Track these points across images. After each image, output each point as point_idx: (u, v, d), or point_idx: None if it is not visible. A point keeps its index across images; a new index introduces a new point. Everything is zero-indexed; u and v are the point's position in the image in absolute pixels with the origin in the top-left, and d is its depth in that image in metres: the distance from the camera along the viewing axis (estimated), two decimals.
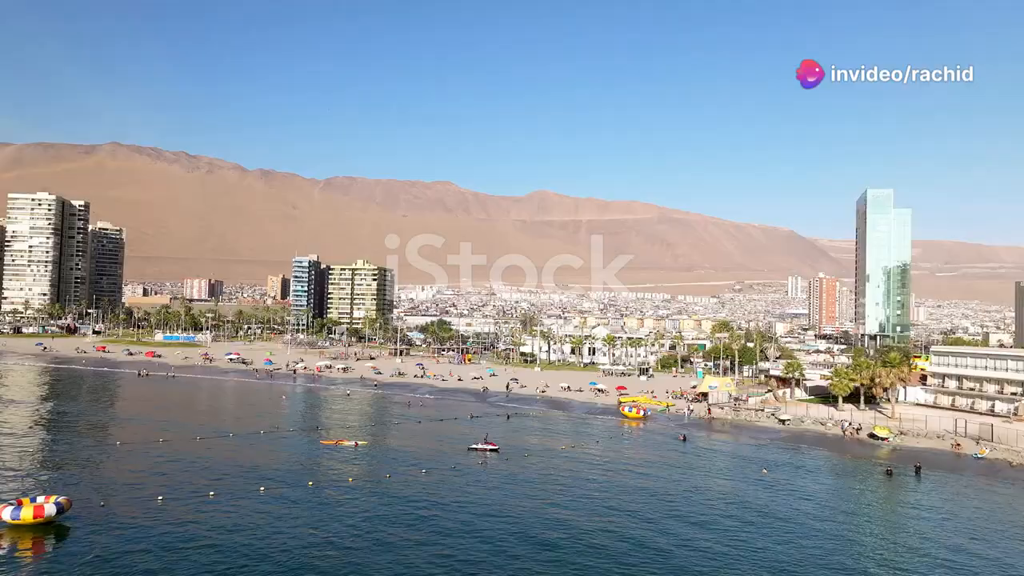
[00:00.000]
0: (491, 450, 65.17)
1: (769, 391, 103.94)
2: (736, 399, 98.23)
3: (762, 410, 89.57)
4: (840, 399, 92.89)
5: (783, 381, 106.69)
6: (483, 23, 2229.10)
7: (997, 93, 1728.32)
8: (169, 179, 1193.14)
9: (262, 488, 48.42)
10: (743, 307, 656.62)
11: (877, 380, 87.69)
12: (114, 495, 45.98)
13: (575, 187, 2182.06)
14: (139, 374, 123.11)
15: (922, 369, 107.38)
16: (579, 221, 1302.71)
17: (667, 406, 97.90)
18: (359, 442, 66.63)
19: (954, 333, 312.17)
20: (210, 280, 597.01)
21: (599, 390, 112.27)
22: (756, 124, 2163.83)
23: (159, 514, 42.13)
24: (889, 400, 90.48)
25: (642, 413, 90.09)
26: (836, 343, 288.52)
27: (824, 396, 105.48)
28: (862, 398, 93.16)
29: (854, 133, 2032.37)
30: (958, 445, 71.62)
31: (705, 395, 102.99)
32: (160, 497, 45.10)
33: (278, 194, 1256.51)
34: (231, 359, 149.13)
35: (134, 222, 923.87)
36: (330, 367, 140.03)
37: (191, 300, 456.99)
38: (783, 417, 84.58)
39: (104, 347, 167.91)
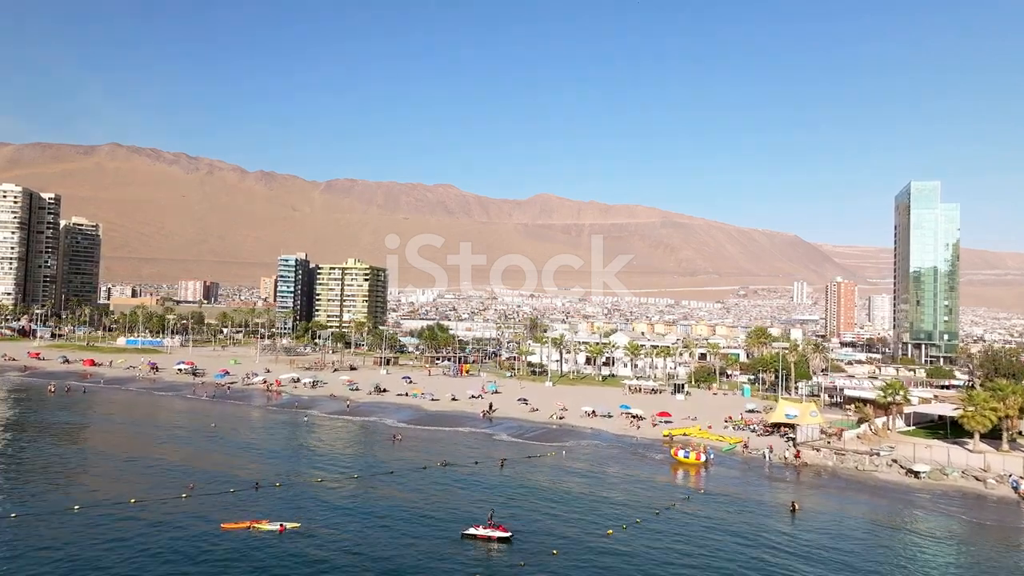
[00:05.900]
0: (500, 538, 40.06)
1: (863, 421, 77.98)
2: (827, 435, 72.45)
3: (878, 454, 63.43)
4: (977, 436, 67.23)
5: (879, 407, 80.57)
6: (486, 26, 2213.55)
7: (1000, 96, 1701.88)
8: (169, 180, 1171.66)
9: None
10: (748, 312, 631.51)
11: None
12: None
13: (577, 191, 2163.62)
14: (48, 389, 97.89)
15: None
16: (581, 225, 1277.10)
17: (735, 443, 72.03)
18: (287, 524, 41.18)
19: (981, 341, 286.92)
20: (205, 282, 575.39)
21: (634, 416, 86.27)
22: (760, 128, 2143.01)
23: None
24: None
25: (703, 458, 64.57)
26: (870, 352, 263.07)
27: (932, 427, 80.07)
28: (1005, 435, 67.59)
29: (859, 139, 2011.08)
30: None
31: (778, 426, 77.31)
32: None
33: (278, 196, 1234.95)
34: (180, 369, 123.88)
35: (133, 223, 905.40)
36: (297, 380, 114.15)
37: (178, 302, 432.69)
38: (918, 468, 58.38)
39: (38, 353, 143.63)
